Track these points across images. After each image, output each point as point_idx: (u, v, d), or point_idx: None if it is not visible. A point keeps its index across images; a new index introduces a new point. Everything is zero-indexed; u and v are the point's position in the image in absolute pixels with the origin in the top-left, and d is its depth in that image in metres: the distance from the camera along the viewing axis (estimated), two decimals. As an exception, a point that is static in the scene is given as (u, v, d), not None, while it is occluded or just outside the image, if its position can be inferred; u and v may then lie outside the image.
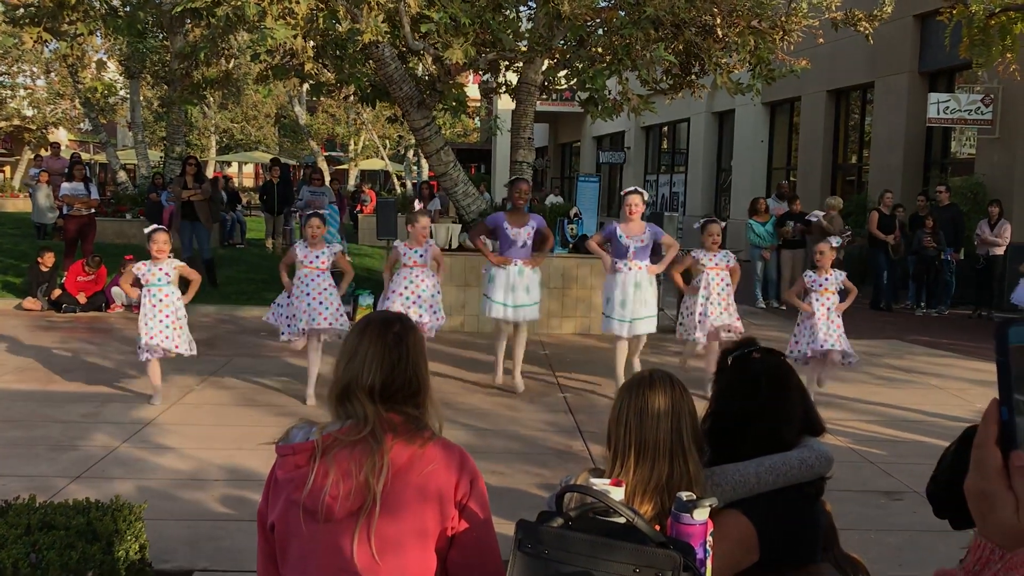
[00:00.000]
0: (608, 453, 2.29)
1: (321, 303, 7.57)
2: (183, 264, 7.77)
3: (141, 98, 25.10)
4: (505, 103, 22.27)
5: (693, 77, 12.24)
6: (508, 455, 6.33)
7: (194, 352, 7.58)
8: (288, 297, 7.70)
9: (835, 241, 8.09)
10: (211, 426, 6.87)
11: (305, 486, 1.99)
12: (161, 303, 7.36)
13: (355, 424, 2.05)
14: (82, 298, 11.80)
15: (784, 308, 13.33)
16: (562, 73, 12.16)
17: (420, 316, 7.78)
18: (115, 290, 11.93)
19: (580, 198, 13.26)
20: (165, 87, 21.45)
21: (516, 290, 8.15)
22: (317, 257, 7.68)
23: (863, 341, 11.17)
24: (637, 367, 7.97)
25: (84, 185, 13.48)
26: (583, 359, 9.66)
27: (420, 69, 13.21)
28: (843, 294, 8.01)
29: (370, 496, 1.97)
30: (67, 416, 6.96)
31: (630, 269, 7.86)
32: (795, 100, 21.27)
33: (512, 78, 12.91)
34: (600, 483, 1.96)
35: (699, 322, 7.93)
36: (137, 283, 7.60)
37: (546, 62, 11.90)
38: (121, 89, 27.57)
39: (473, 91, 19.27)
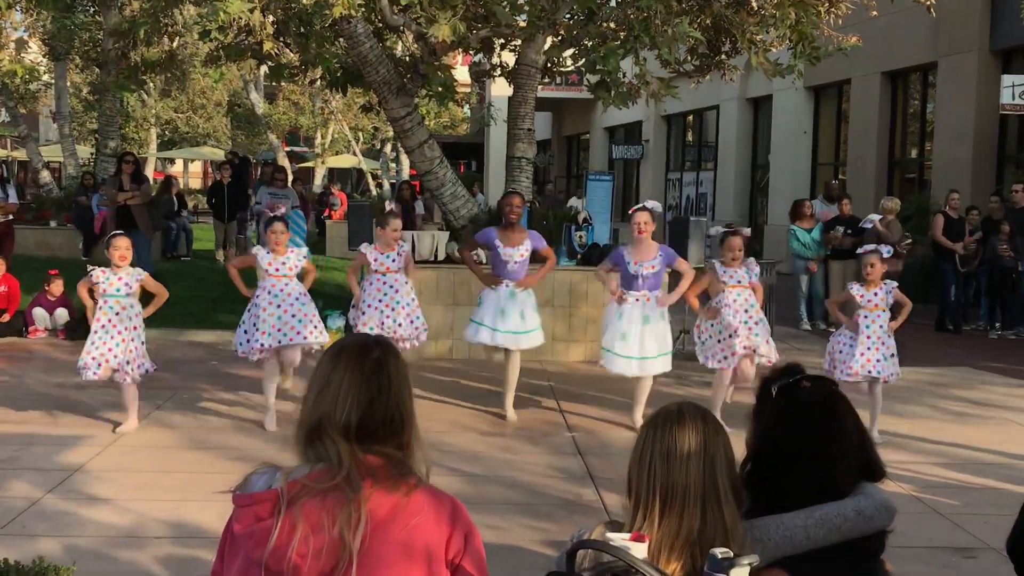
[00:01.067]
0: (628, 502, 2.29)
1: (294, 315, 7.88)
2: (147, 276, 8.00)
3: (68, 84, 25.17)
4: (500, 88, 22.38)
5: (723, 57, 12.30)
6: (506, 506, 6.31)
7: (150, 371, 7.87)
8: (249, 308, 8.00)
9: (886, 251, 8.18)
10: (152, 473, 6.85)
11: (268, 543, 1.99)
12: (116, 317, 7.60)
13: (327, 468, 2.05)
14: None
15: (834, 330, 13.34)
16: (568, 53, 12.21)
17: (398, 328, 8.17)
18: (37, 311, 11.92)
19: (590, 200, 13.30)
20: (97, 71, 21.52)
21: (507, 315, 8.33)
22: (284, 263, 7.96)
23: (926, 369, 11.19)
24: (638, 419, 8.06)
25: (0, 187, 13.50)
26: (594, 391, 9.65)
27: (400, 48, 13.30)
28: (895, 309, 8.12)
29: (345, 554, 1.97)
30: (-20, 462, 6.94)
31: (637, 300, 7.97)
32: (844, 84, 21.36)
33: (509, 59, 12.97)
34: (619, 538, 1.96)
35: (725, 347, 8.06)
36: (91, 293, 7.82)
37: (549, 40, 11.95)
38: (44, 73, 27.64)
39: (462, 74, 19.31)
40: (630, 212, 8.35)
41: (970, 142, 17.34)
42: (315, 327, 8.00)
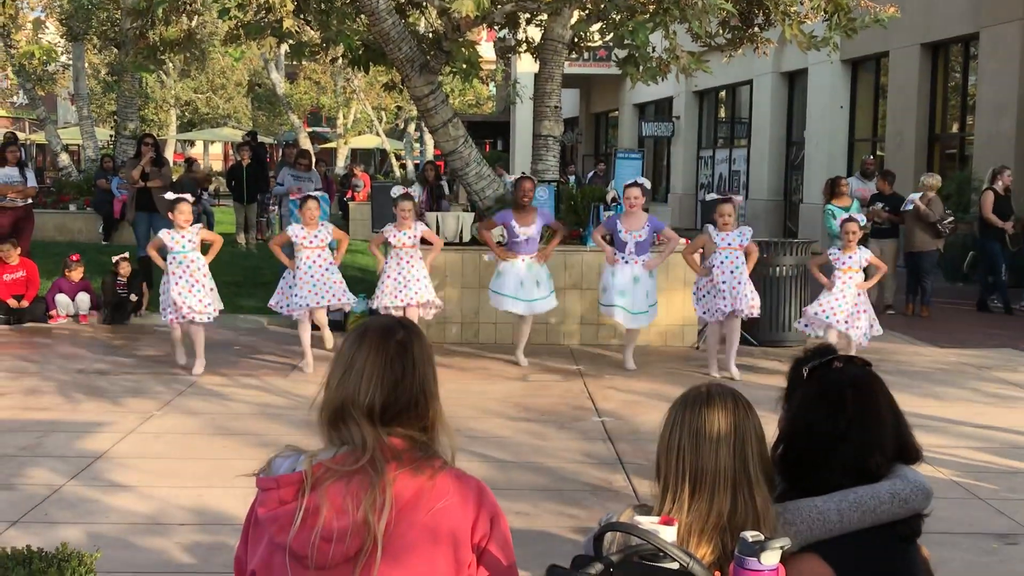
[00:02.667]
0: (657, 486, 2.30)
1: (324, 283, 9.44)
2: (204, 228, 9.94)
3: (86, 65, 25.35)
4: (526, 65, 22.34)
5: (756, 29, 12.21)
6: (534, 492, 6.34)
7: (219, 310, 9.59)
8: (284, 276, 9.76)
9: (861, 219, 9.86)
10: (175, 459, 6.92)
11: (292, 526, 2.02)
12: (188, 269, 9.21)
13: (351, 451, 2.07)
14: (13, 303, 11.86)
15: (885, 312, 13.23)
16: (595, 27, 12.16)
17: (414, 296, 9.61)
18: (59, 297, 12.04)
19: (619, 178, 13.27)
20: (115, 51, 21.65)
21: (526, 284, 9.85)
22: (316, 236, 9.49)
23: (968, 351, 11.12)
24: (630, 363, 9.79)
25: (19, 170, 13.62)
26: (624, 375, 9.67)
27: (423, 24, 13.28)
28: (869, 272, 9.68)
29: (370, 538, 1.99)
30: (1, 449, 7.04)
31: (626, 263, 9.59)
32: (882, 56, 21.17)
33: (535, 34, 12.94)
34: (648, 521, 1.97)
35: (708, 306, 9.49)
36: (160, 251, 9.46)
37: (576, 14, 11.90)
38: (62, 54, 27.83)
39: (487, 51, 19.29)
40: (624, 185, 9.92)
41: (1013, 116, 17.14)
42: (344, 292, 9.58)
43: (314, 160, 18.57)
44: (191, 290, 9.22)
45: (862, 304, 9.45)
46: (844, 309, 9.31)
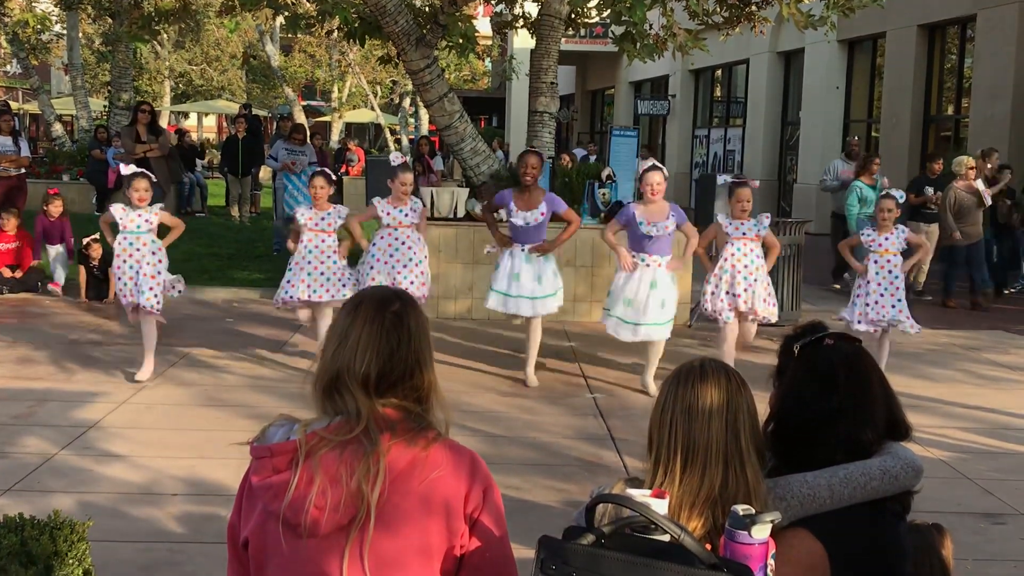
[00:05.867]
0: (649, 460, 2.31)
1: (323, 273, 8.36)
2: (166, 212, 8.40)
3: (80, 35, 25.17)
4: (523, 40, 22.22)
5: (753, 8, 12.18)
6: (526, 467, 6.37)
7: (182, 291, 8.42)
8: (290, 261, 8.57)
9: (900, 196, 8.52)
10: (167, 430, 6.93)
11: (285, 495, 2.02)
12: (138, 252, 8.02)
13: (345, 421, 2.08)
14: (7, 272, 11.82)
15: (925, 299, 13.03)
16: (592, 3, 12.12)
17: (409, 286, 8.21)
18: (51, 251, 11.99)
19: (614, 156, 13.24)
20: (109, 21, 21.51)
21: (521, 279, 8.29)
22: (323, 219, 8.43)
23: (959, 332, 11.15)
24: (652, 388, 8.14)
25: (12, 140, 13.56)
26: (616, 353, 9.68)
27: (419, -2, 13.18)
28: (908, 254, 8.49)
29: (363, 507, 2.00)
30: (-6, 417, 7.05)
31: (648, 265, 7.94)
32: (879, 37, 21.12)
33: (532, 9, 12.88)
34: (639, 494, 1.98)
35: (722, 303, 8.17)
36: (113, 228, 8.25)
37: (573, -10, 11.87)
38: (56, 24, 27.66)
39: (484, 25, 19.22)
40: (641, 171, 8.26)
41: (1009, 98, 17.12)
42: (344, 284, 8.38)
43: (309, 134, 18.50)
44: (132, 277, 7.99)
45: (903, 291, 8.36)
46: (887, 302, 8.26)
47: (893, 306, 8.26)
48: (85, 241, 11.66)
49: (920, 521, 3.47)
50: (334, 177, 9.22)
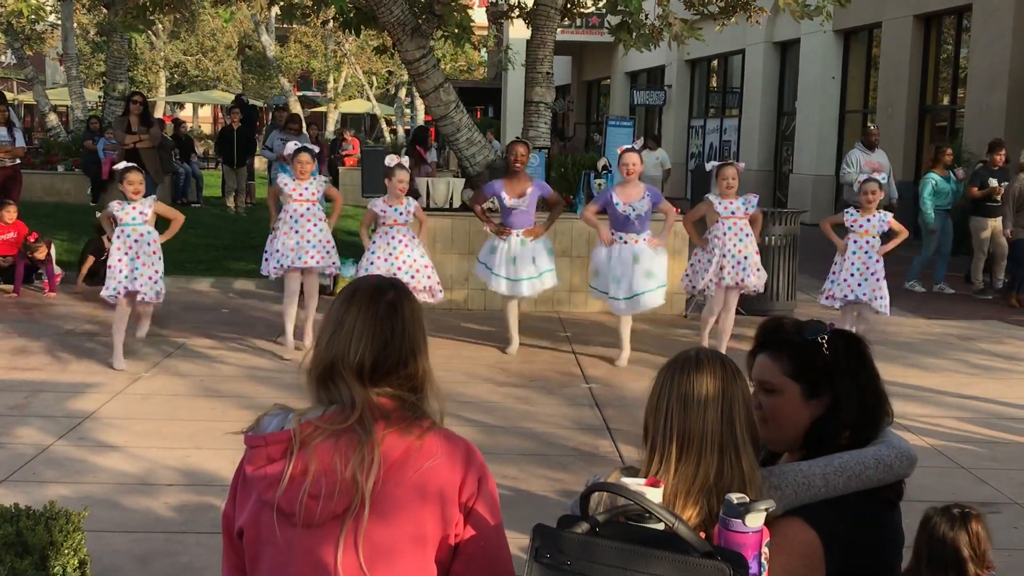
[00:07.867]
0: (644, 448, 2.31)
1: (309, 241, 8.59)
2: (162, 203, 8.58)
3: (75, 25, 25.11)
4: (518, 31, 22.17)
5: (749, -2, 12.17)
6: (521, 456, 6.38)
7: (161, 293, 8.32)
8: (273, 233, 8.73)
9: (881, 178, 9.05)
10: (163, 420, 6.93)
11: (280, 484, 2.02)
12: (136, 244, 8.15)
13: (340, 410, 2.07)
14: (2, 263, 11.77)
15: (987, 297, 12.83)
16: (589, -7, 12.11)
17: (410, 280, 8.40)
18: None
19: (610, 146, 13.24)
20: (104, 11, 21.45)
21: (519, 262, 8.88)
22: (307, 188, 8.69)
23: (954, 322, 11.17)
24: (626, 352, 8.80)
25: (7, 130, 13.52)
26: (612, 342, 9.69)
27: (415, -12, 13.11)
28: (888, 237, 8.83)
29: (358, 496, 2.00)
30: (-10, 408, 7.04)
31: (625, 243, 8.54)
32: (875, 27, 21.11)
33: (527, -1, 12.86)
34: (634, 483, 1.98)
35: (712, 279, 8.66)
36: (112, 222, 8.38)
37: (569, -21, 11.85)
38: (51, 14, 27.58)
39: (479, 16, 19.18)
40: (620, 151, 8.77)
41: (1004, 89, 17.13)
42: (328, 253, 8.68)
43: (305, 124, 18.48)
44: (132, 268, 8.11)
45: (880, 272, 8.63)
46: (856, 280, 8.60)
47: (860, 284, 8.59)
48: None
49: (955, 506, 3.55)
50: (321, 167, 9.49)
